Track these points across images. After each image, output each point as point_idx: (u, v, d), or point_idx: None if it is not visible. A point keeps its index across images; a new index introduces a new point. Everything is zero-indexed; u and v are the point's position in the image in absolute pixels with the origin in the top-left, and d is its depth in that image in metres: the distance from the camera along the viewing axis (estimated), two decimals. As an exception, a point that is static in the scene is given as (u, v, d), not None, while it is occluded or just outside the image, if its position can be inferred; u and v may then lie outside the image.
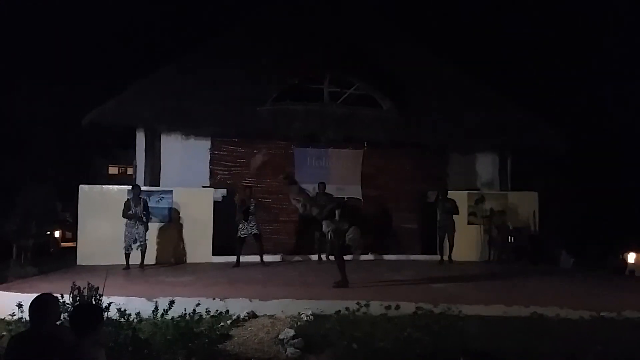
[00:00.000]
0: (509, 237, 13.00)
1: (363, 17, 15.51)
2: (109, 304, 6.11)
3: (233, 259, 11.30)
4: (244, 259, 11.50)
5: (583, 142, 14.57)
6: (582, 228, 14.80)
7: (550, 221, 13.82)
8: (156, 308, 6.55)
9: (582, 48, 21.58)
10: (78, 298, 5.79)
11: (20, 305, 6.23)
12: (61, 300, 5.17)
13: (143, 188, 11.52)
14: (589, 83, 20.08)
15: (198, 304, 6.93)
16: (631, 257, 12.17)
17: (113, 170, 29.12)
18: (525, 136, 13.76)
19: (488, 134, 13.65)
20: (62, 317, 4.55)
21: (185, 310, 6.64)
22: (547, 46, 22.53)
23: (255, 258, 11.57)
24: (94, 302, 5.74)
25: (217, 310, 7.12)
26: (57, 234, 19.48)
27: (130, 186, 11.43)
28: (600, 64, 20.53)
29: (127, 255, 10.74)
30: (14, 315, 6.37)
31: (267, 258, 11.74)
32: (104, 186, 12.64)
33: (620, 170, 17.69)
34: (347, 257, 9.20)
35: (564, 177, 15.46)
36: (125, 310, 6.26)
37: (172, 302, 6.62)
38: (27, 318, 6.17)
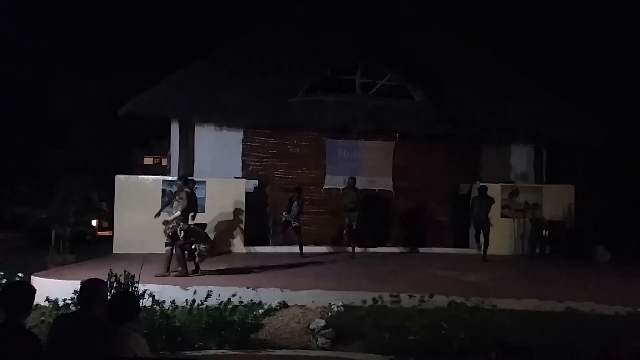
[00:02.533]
0: (544, 231, 12.78)
1: (395, 7, 15.35)
2: (144, 292, 6.27)
3: (265, 249, 11.43)
4: (277, 249, 11.70)
5: (621, 134, 14.14)
6: (620, 222, 14.43)
7: (587, 215, 13.51)
8: (193, 300, 6.73)
9: (625, 39, 20.97)
10: (115, 285, 5.95)
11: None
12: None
13: (174, 178, 11.60)
14: (628, 74, 19.49)
15: (234, 295, 7.08)
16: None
17: (148, 160, 29.77)
18: (561, 128, 13.45)
19: (523, 125, 13.40)
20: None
21: (219, 297, 6.78)
22: (589, 36, 21.93)
23: (287, 249, 11.74)
24: (131, 291, 5.90)
25: (249, 300, 7.21)
26: (94, 222, 19.97)
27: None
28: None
29: None
30: (52, 301, 6.58)
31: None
32: (139, 176, 12.90)
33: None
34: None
35: (601, 170, 15.07)
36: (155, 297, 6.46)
37: (209, 293, 6.80)
38: (62, 304, 6.44)
